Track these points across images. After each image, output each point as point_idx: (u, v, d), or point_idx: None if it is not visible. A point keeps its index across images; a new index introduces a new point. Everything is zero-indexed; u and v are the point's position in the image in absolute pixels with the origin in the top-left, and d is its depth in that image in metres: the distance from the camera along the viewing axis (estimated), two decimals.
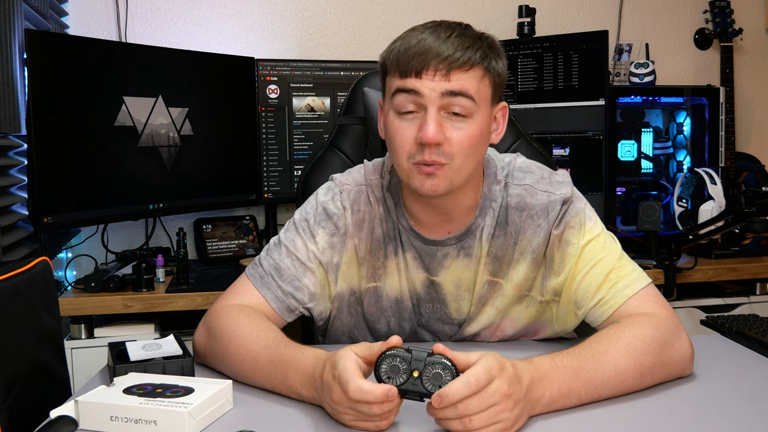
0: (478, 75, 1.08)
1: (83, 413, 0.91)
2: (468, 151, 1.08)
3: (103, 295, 1.96)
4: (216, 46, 2.55)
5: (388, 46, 1.13)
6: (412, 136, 1.08)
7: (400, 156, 1.10)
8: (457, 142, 1.07)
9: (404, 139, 1.09)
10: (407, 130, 1.08)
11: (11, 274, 1.06)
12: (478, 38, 1.10)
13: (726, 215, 2.13)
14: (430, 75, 1.06)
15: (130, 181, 2.13)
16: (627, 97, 2.58)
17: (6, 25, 1.75)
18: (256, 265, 1.23)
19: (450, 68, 1.05)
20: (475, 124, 1.08)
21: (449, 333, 1.24)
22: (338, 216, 1.21)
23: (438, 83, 1.05)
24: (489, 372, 0.84)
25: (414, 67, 1.06)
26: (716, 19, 2.79)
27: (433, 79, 1.06)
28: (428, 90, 1.06)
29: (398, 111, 1.09)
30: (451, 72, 1.05)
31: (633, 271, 1.14)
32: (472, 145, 1.09)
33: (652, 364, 1.00)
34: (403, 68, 1.07)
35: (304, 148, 2.49)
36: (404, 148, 1.09)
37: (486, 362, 0.85)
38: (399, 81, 1.08)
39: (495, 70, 1.11)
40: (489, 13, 2.77)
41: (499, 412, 0.84)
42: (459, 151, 1.08)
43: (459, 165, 1.09)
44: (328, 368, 0.91)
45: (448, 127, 1.07)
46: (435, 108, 1.06)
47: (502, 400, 0.84)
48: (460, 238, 1.19)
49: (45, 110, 1.89)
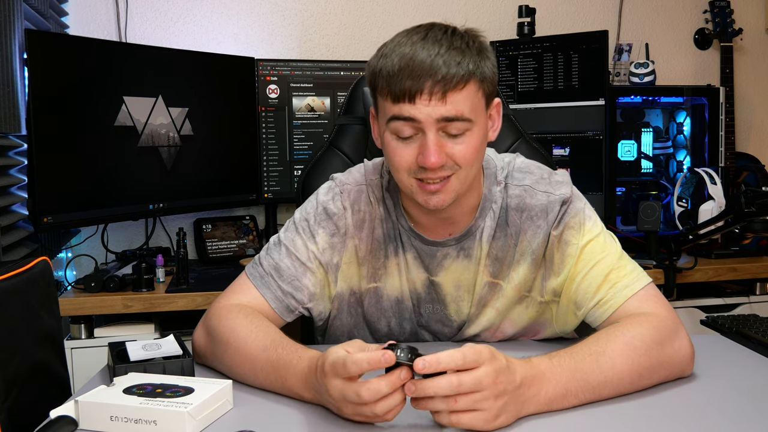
0: (473, 90, 1.05)
1: (83, 413, 0.91)
2: (472, 160, 1.08)
3: (103, 295, 1.96)
4: (216, 46, 2.55)
5: (375, 57, 1.08)
6: (412, 157, 1.07)
7: (401, 173, 1.09)
8: (461, 156, 1.06)
9: (404, 159, 1.07)
10: (406, 150, 1.07)
11: (11, 274, 1.06)
12: (467, 46, 1.06)
13: (726, 215, 2.12)
14: (425, 100, 1.02)
15: (130, 181, 2.13)
16: (627, 97, 2.58)
17: (6, 25, 1.75)
18: (255, 264, 1.23)
19: (445, 90, 1.02)
20: (474, 135, 1.07)
21: (449, 334, 1.24)
22: (338, 216, 1.21)
23: (434, 108, 1.03)
24: (479, 354, 0.84)
25: (407, 91, 1.03)
26: (716, 19, 2.79)
27: (428, 104, 1.02)
28: (425, 116, 1.03)
29: (395, 134, 1.07)
30: (447, 95, 1.02)
31: (633, 271, 1.14)
32: (474, 155, 1.08)
33: (651, 364, 1.00)
34: (396, 93, 1.04)
35: (304, 148, 2.49)
36: (404, 166, 1.08)
37: (478, 347, 0.85)
38: (393, 107, 1.05)
39: (487, 78, 1.08)
40: (489, 13, 2.77)
41: (482, 399, 0.84)
42: (464, 163, 1.07)
43: (465, 174, 1.09)
44: (320, 368, 0.91)
45: (448, 145, 1.06)
46: (433, 131, 1.04)
47: (487, 387, 0.84)
48: (460, 239, 1.19)
49: (45, 110, 1.89)
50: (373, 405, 0.85)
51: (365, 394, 0.85)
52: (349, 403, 0.87)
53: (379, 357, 0.84)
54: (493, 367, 0.85)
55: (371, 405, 0.85)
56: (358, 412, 0.87)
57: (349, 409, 0.88)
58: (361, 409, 0.86)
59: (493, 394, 0.85)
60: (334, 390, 0.88)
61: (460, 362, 0.83)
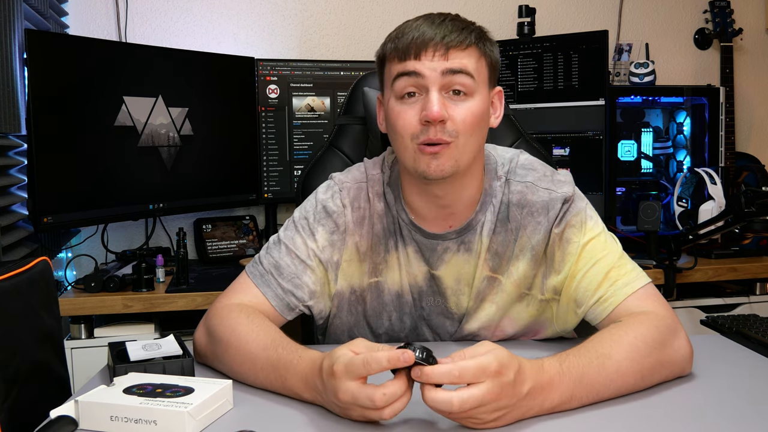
0: (475, 54, 1.11)
1: (83, 413, 0.91)
2: (471, 128, 1.10)
3: (103, 295, 1.96)
4: (216, 46, 2.56)
5: (383, 41, 1.16)
6: (415, 117, 1.10)
7: (404, 137, 1.11)
8: (461, 119, 1.09)
9: (407, 121, 1.10)
10: (409, 112, 1.10)
11: (11, 274, 1.06)
12: (471, 24, 1.14)
13: (726, 215, 2.12)
14: (429, 56, 1.08)
15: (130, 181, 2.13)
16: (627, 97, 2.58)
17: (6, 25, 1.75)
18: (255, 263, 1.23)
19: (448, 47, 1.08)
20: (476, 101, 1.11)
21: (450, 329, 1.24)
22: (338, 214, 1.21)
23: (438, 62, 1.08)
24: (482, 371, 0.83)
25: (413, 50, 1.09)
26: (716, 19, 2.79)
27: (432, 60, 1.08)
28: (428, 70, 1.08)
29: (399, 95, 1.11)
30: (449, 51, 1.09)
31: (633, 270, 1.14)
32: (475, 122, 1.10)
33: (653, 364, 1.00)
34: (402, 53, 1.10)
35: (304, 148, 2.49)
36: (408, 130, 1.10)
37: (484, 361, 0.84)
38: (399, 65, 1.11)
39: (490, 54, 1.14)
40: (489, 13, 2.77)
41: (480, 413, 0.84)
42: (463, 129, 1.09)
43: (463, 143, 1.10)
44: (327, 370, 0.89)
45: (450, 105, 1.09)
46: (437, 87, 1.08)
47: (488, 402, 0.84)
48: (461, 232, 1.19)
49: (45, 110, 1.89)
50: (382, 409, 0.85)
51: (380, 400, 0.84)
52: (358, 406, 0.86)
53: (399, 356, 0.83)
54: (496, 383, 0.84)
55: (381, 409, 0.85)
56: (365, 415, 0.87)
57: (357, 412, 0.87)
58: (370, 412, 0.86)
59: (493, 408, 0.85)
60: (344, 393, 0.86)
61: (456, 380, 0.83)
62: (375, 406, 0.84)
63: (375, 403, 0.84)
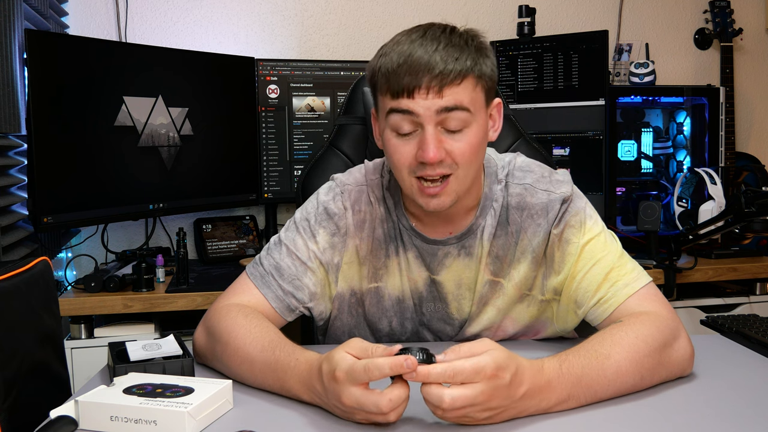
0: (470, 85, 1.06)
1: (83, 413, 0.91)
2: (470, 159, 1.08)
3: (103, 295, 1.96)
4: (216, 46, 2.56)
5: (375, 56, 1.10)
6: (411, 153, 1.07)
7: (402, 171, 1.10)
8: (459, 154, 1.07)
9: (404, 156, 1.08)
10: (406, 147, 1.08)
11: (11, 274, 1.06)
12: (465, 44, 1.07)
13: (726, 215, 2.12)
14: (423, 94, 1.04)
15: (130, 181, 2.13)
16: (627, 97, 2.58)
17: (6, 25, 1.75)
18: (256, 264, 1.23)
19: (442, 85, 1.03)
20: (473, 132, 1.07)
21: (450, 333, 1.24)
22: (339, 216, 1.21)
23: (432, 101, 1.04)
24: (476, 373, 0.83)
25: (405, 86, 1.04)
26: (716, 19, 2.79)
27: (426, 98, 1.04)
28: (423, 109, 1.04)
29: (395, 131, 1.08)
30: (444, 89, 1.04)
31: (633, 270, 1.14)
32: (473, 153, 1.08)
33: (653, 365, 1.00)
34: (394, 88, 1.05)
35: (304, 148, 2.49)
36: (405, 164, 1.08)
37: (481, 362, 0.84)
38: (392, 102, 1.06)
39: (486, 74, 1.09)
40: (489, 13, 2.77)
41: (471, 413, 0.85)
42: (462, 161, 1.07)
43: (464, 174, 1.09)
44: (328, 375, 0.89)
45: (447, 141, 1.06)
46: (432, 125, 1.05)
47: (480, 403, 0.84)
48: (461, 237, 1.19)
49: (45, 110, 1.89)
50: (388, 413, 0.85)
51: (386, 406, 0.84)
52: (363, 411, 0.86)
53: (401, 362, 0.83)
54: (490, 386, 0.84)
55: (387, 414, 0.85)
56: (369, 419, 0.87)
57: (360, 416, 0.87)
58: (375, 416, 0.86)
59: (484, 408, 0.85)
60: (348, 398, 0.86)
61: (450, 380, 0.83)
62: (381, 412, 0.84)
63: (381, 410, 0.84)
